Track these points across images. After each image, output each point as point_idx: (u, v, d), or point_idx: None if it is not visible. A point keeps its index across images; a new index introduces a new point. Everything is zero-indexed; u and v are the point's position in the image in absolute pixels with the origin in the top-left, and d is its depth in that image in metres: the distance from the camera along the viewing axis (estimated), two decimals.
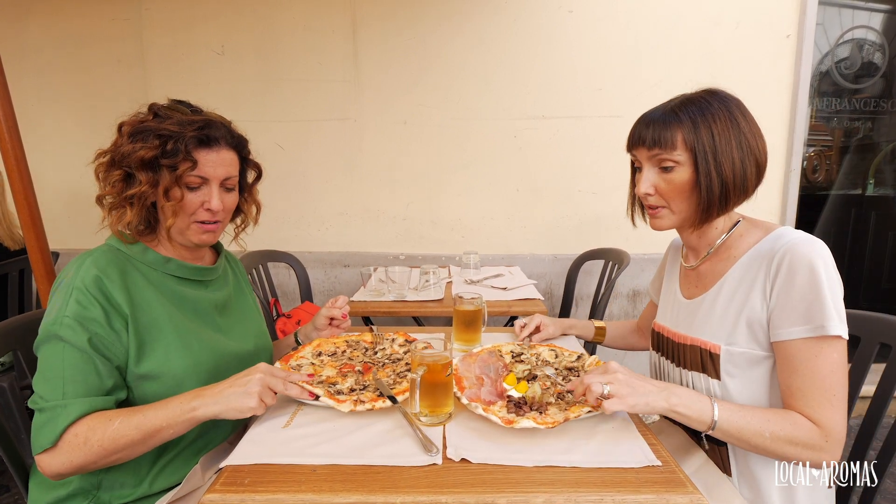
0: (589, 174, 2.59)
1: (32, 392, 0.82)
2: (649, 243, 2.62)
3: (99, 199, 0.93)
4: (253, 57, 2.55)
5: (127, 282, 0.89)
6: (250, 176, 1.09)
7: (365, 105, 2.57)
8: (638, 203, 1.03)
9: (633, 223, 1.05)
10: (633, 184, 1.02)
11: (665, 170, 0.90)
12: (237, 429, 1.05)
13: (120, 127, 0.93)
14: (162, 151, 0.89)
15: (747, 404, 0.86)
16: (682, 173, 0.88)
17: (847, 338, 0.79)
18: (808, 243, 0.81)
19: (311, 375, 0.99)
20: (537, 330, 1.26)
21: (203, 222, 0.96)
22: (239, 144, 1.01)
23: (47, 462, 0.79)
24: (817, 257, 0.79)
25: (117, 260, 0.90)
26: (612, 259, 2.18)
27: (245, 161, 1.05)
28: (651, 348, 1.12)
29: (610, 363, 0.86)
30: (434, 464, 0.75)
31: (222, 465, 0.75)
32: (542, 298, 1.84)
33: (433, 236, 2.69)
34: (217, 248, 1.15)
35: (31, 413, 0.82)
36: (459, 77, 2.52)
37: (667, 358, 1.03)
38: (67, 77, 2.61)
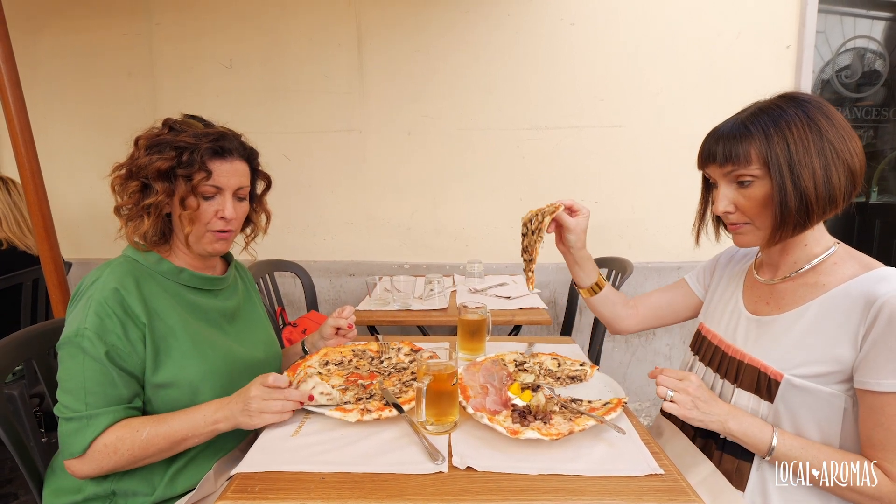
0: (591, 183, 2.61)
1: (40, 399, 0.85)
2: (652, 252, 2.64)
3: (117, 210, 0.97)
4: (259, 68, 2.60)
5: (144, 292, 0.92)
6: (259, 187, 1.12)
7: (369, 116, 2.61)
8: (711, 219, 0.99)
9: (697, 242, 1.00)
10: (703, 200, 0.98)
11: (742, 184, 0.85)
12: (249, 435, 1.07)
13: (136, 141, 0.96)
14: (178, 162, 0.93)
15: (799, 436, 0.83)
16: (762, 187, 0.83)
17: None
18: None
19: (310, 398, 0.94)
20: (571, 211, 1.16)
21: (217, 231, 1.00)
22: (250, 156, 1.05)
23: (78, 467, 0.85)
24: None
25: (134, 271, 0.93)
26: (616, 268, 2.19)
27: (255, 172, 1.08)
28: (690, 348, 1.08)
29: (691, 375, 0.88)
30: (440, 472, 0.76)
31: (233, 472, 0.77)
32: (546, 307, 1.85)
33: (437, 245, 2.71)
34: (227, 258, 1.18)
35: (48, 419, 0.85)
36: (463, 88, 2.56)
37: (709, 365, 0.99)
38: (78, 87, 2.67)
